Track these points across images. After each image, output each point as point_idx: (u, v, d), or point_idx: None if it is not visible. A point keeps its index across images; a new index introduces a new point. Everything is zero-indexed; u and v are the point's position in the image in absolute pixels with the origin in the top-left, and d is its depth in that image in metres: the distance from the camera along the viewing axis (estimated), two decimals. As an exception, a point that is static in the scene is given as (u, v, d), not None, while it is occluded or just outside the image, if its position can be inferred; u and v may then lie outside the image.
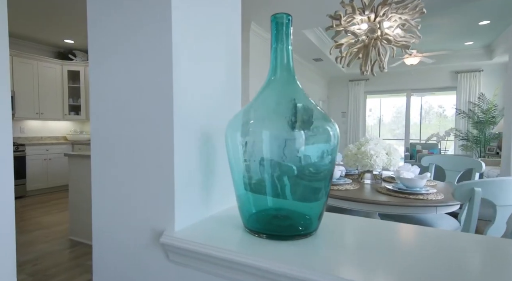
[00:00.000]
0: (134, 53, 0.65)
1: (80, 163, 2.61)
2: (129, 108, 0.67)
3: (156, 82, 0.63)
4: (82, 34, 4.46)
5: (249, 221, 0.64)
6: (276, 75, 0.63)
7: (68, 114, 5.08)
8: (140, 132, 0.66)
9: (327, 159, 0.58)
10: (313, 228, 0.60)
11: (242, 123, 0.62)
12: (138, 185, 0.67)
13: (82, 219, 2.61)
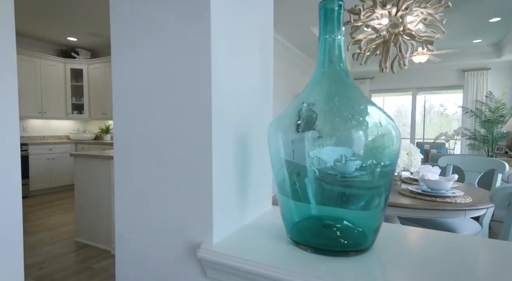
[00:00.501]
0: (166, 46, 0.58)
1: (86, 163, 2.54)
2: (159, 106, 0.60)
3: (192, 78, 0.56)
4: (86, 31, 4.39)
5: (293, 231, 0.58)
6: (325, 70, 0.56)
7: (71, 113, 5.02)
8: (173, 133, 0.59)
9: (387, 161, 0.51)
10: (368, 243, 0.53)
11: (288, 123, 0.55)
12: (169, 192, 0.60)
13: (88, 221, 2.55)
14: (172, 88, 0.58)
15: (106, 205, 2.43)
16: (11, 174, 1.35)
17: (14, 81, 1.34)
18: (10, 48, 1.30)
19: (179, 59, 0.57)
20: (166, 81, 0.59)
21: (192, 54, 0.55)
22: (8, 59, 1.29)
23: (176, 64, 0.57)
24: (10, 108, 1.36)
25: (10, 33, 1.31)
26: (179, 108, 0.57)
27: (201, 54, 0.54)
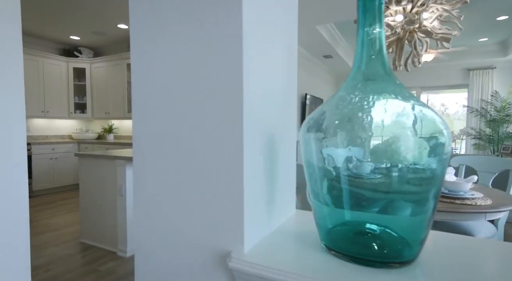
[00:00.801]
0: (193, 41, 0.54)
1: (91, 163, 2.51)
2: (184, 106, 0.56)
3: (221, 76, 0.52)
4: (89, 30, 4.35)
5: (327, 237, 0.54)
6: (362, 66, 0.52)
7: (73, 113, 4.98)
8: (200, 134, 0.55)
9: (436, 164, 0.47)
10: (413, 255, 0.48)
11: (321, 123, 0.51)
12: (195, 196, 0.56)
13: (93, 222, 2.51)
14: (199, 86, 0.54)
15: (111, 205, 2.39)
16: (18, 174, 1.32)
17: (20, 81, 1.31)
18: (17, 49, 1.27)
19: (208, 55, 0.53)
20: (192, 79, 0.55)
21: (222, 50, 0.51)
22: (15, 59, 1.26)
23: (204, 61, 0.53)
24: (17, 108, 1.32)
25: (17, 35, 1.28)
26: (208, 108, 0.53)
27: (232, 51, 0.51)
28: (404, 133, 0.46)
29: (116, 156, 2.30)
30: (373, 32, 0.51)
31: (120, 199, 2.32)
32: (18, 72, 1.28)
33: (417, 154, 0.44)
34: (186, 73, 0.55)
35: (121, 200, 2.32)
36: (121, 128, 5.17)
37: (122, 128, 5.15)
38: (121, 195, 2.31)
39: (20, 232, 1.35)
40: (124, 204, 2.30)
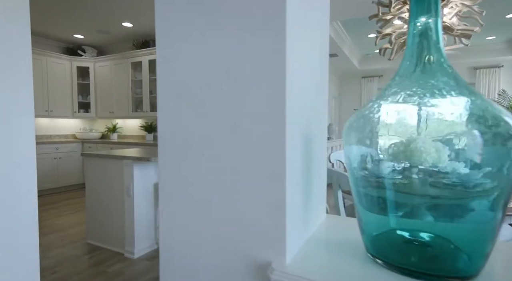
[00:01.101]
0: (231, 34, 0.50)
1: (97, 163, 2.47)
2: (219, 104, 0.52)
3: (263, 71, 0.48)
4: (93, 29, 4.31)
5: (372, 246, 0.50)
6: (414, 61, 0.48)
7: (77, 112, 4.95)
8: (236, 134, 0.51)
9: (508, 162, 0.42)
10: (475, 270, 0.43)
11: (369, 123, 0.47)
12: (230, 202, 0.52)
13: (100, 222, 2.47)
14: (237, 83, 0.50)
15: (118, 206, 2.36)
16: (27, 173, 1.29)
17: (29, 80, 1.28)
18: (26, 49, 1.24)
19: (247, 48, 0.49)
20: (230, 75, 0.51)
21: (263, 44, 0.47)
22: (24, 59, 1.24)
23: (243, 55, 0.49)
24: (26, 107, 1.29)
25: (26, 35, 1.24)
26: (247, 106, 0.49)
27: (274, 45, 0.46)
28: (471, 132, 0.42)
29: (123, 156, 2.26)
30: (428, 22, 0.47)
31: (127, 200, 2.29)
32: (27, 72, 1.25)
33: (489, 156, 0.40)
34: (223, 70, 0.51)
35: (128, 201, 2.28)
36: (125, 127, 5.13)
37: (126, 128, 5.12)
38: (128, 195, 2.27)
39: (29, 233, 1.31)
40: (131, 204, 2.26)
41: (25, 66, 1.25)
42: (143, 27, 4.18)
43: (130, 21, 3.96)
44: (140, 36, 4.61)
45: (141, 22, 4.00)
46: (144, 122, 4.84)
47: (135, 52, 4.44)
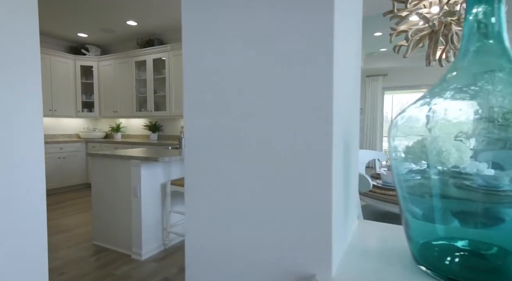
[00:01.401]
0: (268, 26, 0.46)
1: (103, 164, 2.44)
2: (256, 102, 0.48)
3: (305, 67, 0.43)
4: (96, 27, 4.27)
5: (420, 255, 0.45)
6: (470, 52, 0.43)
7: (81, 111, 4.92)
8: (278, 132, 0.46)
9: None
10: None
11: (421, 121, 0.43)
12: (266, 208, 0.48)
13: (106, 223, 2.44)
14: (276, 79, 0.46)
15: (125, 207, 2.32)
16: (36, 173, 1.26)
17: (38, 80, 1.25)
18: (35, 49, 1.21)
19: (289, 43, 0.44)
20: (268, 70, 0.46)
21: (308, 38, 0.43)
22: (33, 59, 1.20)
23: (284, 50, 0.45)
24: (35, 107, 1.26)
25: (34, 35, 1.21)
26: (287, 106, 0.45)
27: (320, 39, 0.42)
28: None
29: (131, 156, 2.22)
30: (490, 8, 0.42)
31: (134, 201, 2.25)
32: (35, 72, 1.22)
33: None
34: (260, 65, 0.47)
35: (135, 202, 2.25)
36: (129, 127, 5.10)
37: (130, 127, 5.09)
38: (135, 196, 2.24)
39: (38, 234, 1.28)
40: (139, 205, 2.23)
41: (33, 66, 1.22)
42: (147, 25, 4.14)
43: (135, 19, 3.93)
44: (144, 35, 4.58)
45: (145, 20, 3.96)
46: (148, 122, 4.80)
47: (139, 51, 4.40)
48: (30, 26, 1.19)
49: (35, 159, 1.26)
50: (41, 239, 1.29)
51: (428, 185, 0.43)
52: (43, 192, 1.31)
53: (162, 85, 4.50)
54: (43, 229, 1.33)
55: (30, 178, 1.24)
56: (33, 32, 1.21)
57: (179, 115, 4.16)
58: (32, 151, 1.25)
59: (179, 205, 2.61)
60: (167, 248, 2.41)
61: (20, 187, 1.20)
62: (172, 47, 4.11)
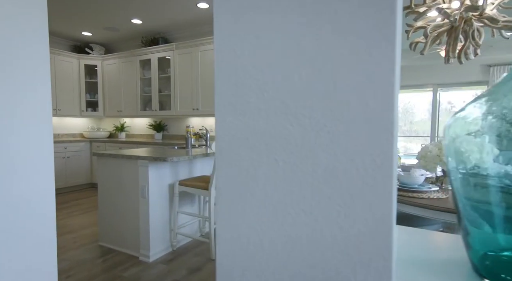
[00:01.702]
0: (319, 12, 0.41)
1: (110, 163, 2.40)
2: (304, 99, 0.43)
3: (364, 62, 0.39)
4: (101, 25, 4.24)
5: (483, 266, 0.41)
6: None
7: (85, 111, 4.89)
8: (331, 134, 0.42)
9: None
10: None
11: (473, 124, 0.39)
12: (312, 210, 0.43)
13: (113, 224, 2.40)
14: (328, 75, 0.41)
15: (132, 208, 2.28)
16: (47, 172, 1.22)
17: (47, 78, 1.21)
18: (44, 48, 1.17)
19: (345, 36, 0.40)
20: (318, 64, 0.42)
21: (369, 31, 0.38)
22: (42, 58, 1.17)
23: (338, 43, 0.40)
24: (44, 106, 1.22)
25: (44, 35, 1.18)
26: (341, 102, 0.40)
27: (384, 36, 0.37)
28: None
29: (138, 156, 2.18)
30: None
31: (142, 201, 2.21)
32: (45, 71, 1.18)
33: None
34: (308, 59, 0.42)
35: (143, 203, 2.21)
36: (133, 126, 5.07)
37: (134, 127, 5.05)
38: (143, 197, 2.20)
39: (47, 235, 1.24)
40: (146, 206, 2.19)
41: (43, 65, 1.19)
42: (153, 24, 4.10)
43: (140, 17, 3.89)
44: (149, 33, 4.54)
45: (151, 18, 3.92)
46: (153, 121, 4.77)
47: (144, 49, 4.36)
48: (40, 26, 1.16)
49: (44, 160, 1.22)
50: (51, 241, 1.26)
51: (489, 191, 0.39)
52: (52, 193, 1.27)
53: (166, 84, 4.46)
54: (52, 231, 1.30)
55: (40, 178, 1.20)
56: (43, 32, 1.18)
57: (184, 115, 4.12)
58: (42, 151, 1.21)
59: (187, 206, 2.57)
60: (175, 249, 2.37)
61: (29, 187, 1.16)
62: (177, 46, 4.07)
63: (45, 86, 1.23)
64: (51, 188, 1.27)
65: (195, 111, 4.00)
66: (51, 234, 1.27)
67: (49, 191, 1.26)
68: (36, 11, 1.14)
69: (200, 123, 4.35)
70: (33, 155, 1.17)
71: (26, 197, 1.15)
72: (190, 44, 3.95)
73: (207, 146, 3.13)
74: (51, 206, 1.27)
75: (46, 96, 1.24)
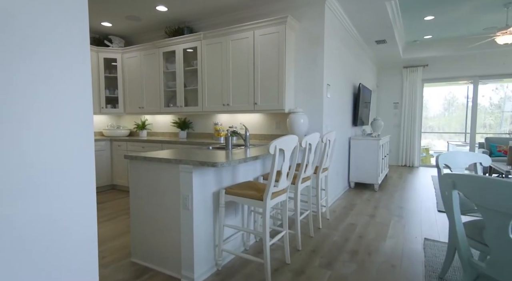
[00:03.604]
0: None
1: (143, 167, 2.06)
2: None
3: None
4: (122, 14, 3.90)
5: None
6: None
7: (104, 107, 4.59)
8: None
9: None
10: None
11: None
12: None
13: (148, 238, 2.07)
14: None
15: (172, 220, 1.94)
16: (88, 175, 0.89)
17: (88, 77, 0.90)
18: (85, 44, 0.87)
19: None
20: None
21: None
22: (83, 55, 0.88)
23: None
24: (86, 104, 0.89)
25: (84, 30, 0.88)
26: None
27: None
28: None
29: (180, 160, 1.83)
30: None
31: (184, 214, 1.86)
32: (85, 69, 0.88)
33: None
34: None
35: (186, 215, 1.86)
36: (154, 124, 4.75)
37: (156, 124, 4.73)
38: (186, 208, 1.85)
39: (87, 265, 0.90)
40: (190, 219, 1.84)
41: (84, 63, 0.88)
42: (179, 10, 3.74)
43: (165, 4, 3.53)
44: (173, 23, 4.18)
45: (177, 5, 3.55)
46: (177, 118, 4.44)
47: (168, 40, 4.01)
48: (80, 26, 0.86)
49: (85, 161, 0.90)
50: (92, 253, 0.94)
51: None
52: (94, 212, 0.94)
53: (193, 77, 4.10)
54: (94, 262, 0.97)
55: (80, 183, 0.89)
56: (83, 29, 0.87)
57: (213, 111, 3.76)
58: (82, 152, 0.89)
59: (230, 216, 2.21)
60: (220, 269, 2.02)
61: (69, 191, 0.85)
62: (205, 35, 3.70)
63: (86, 83, 0.90)
64: (91, 205, 0.93)
65: (226, 107, 3.63)
66: (92, 265, 0.94)
67: (90, 209, 0.93)
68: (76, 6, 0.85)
69: (229, 120, 3.98)
70: (67, 162, 0.83)
71: (58, 217, 0.82)
72: (219, 33, 3.57)
73: (246, 146, 2.76)
74: (92, 229, 0.94)
75: (88, 93, 0.91)
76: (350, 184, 4.61)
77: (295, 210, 2.36)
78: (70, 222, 0.85)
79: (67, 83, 0.84)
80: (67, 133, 0.84)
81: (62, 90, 0.83)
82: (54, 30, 0.80)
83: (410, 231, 2.76)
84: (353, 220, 3.06)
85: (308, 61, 3.38)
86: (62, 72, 0.82)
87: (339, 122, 4.02)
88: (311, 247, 2.40)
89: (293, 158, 2.11)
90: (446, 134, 9.76)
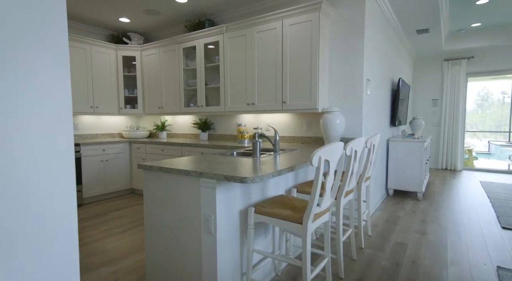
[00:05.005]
0: None
1: (160, 179, 1.75)
2: None
3: None
4: (140, 8, 3.65)
5: None
6: None
7: (123, 108, 4.40)
8: None
9: None
10: None
11: None
12: None
13: (165, 261, 1.76)
14: None
15: (193, 242, 1.62)
16: (64, 182, 0.56)
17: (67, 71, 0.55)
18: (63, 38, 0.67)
19: None
20: None
21: None
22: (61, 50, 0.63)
23: None
24: (64, 103, 0.55)
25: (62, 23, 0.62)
26: None
27: None
28: None
29: (201, 172, 1.49)
30: None
31: (207, 237, 1.53)
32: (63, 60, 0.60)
33: None
34: None
35: (208, 239, 1.53)
36: (174, 125, 4.50)
37: (176, 125, 4.48)
38: (209, 232, 1.52)
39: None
40: (213, 244, 1.51)
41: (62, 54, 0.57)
42: (199, 2, 3.43)
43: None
44: (194, 16, 3.89)
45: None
46: (198, 119, 4.16)
47: (188, 35, 3.72)
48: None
49: (61, 166, 0.58)
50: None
51: None
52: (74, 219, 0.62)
53: (214, 75, 3.79)
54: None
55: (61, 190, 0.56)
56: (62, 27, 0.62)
57: (236, 111, 3.42)
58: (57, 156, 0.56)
59: (259, 237, 1.86)
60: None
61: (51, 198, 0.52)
62: (227, 28, 3.36)
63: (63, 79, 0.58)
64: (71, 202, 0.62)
65: (250, 107, 3.29)
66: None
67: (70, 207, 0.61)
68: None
69: (254, 121, 3.63)
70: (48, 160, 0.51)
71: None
72: (244, 24, 3.22)
73: (276, 152, 2.39)
74: (72, 231, 0.65)
75: (65, 90, 0.59)
76: (388, 192, 4.12)
77: (336, 229, 1.97)
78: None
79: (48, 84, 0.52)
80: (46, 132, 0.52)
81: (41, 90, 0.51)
82: None
83: (476, 255, 2.28)
84: (400, 238, 2.61)
85: (344, 53, 2.96)
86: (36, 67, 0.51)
87: (377, 122, 3.56)
88: (355, 274, 2.00)
89: (337, 168, 1.72)
90: (480, 132, 8.90)
